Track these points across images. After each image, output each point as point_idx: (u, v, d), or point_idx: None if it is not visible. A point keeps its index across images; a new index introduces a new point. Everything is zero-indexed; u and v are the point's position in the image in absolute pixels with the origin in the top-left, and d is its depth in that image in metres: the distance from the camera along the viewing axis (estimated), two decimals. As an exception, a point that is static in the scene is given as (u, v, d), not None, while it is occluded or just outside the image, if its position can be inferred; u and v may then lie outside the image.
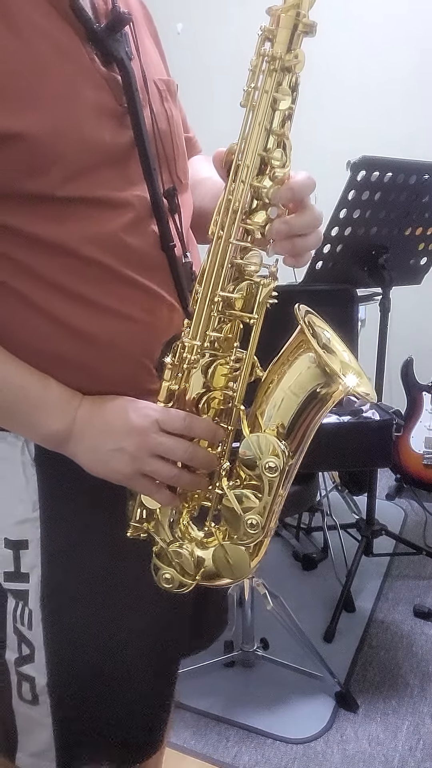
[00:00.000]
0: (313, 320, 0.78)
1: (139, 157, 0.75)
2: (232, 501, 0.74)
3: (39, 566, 0.82)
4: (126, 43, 0.75)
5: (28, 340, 0.75)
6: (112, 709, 0.88)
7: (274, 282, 0.73)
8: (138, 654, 0.87)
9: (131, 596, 0.84)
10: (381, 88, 2.88)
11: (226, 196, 0.73)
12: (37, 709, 0.85)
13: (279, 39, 0.68)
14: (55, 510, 0.81)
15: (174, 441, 0.74)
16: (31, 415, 0.75)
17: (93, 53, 0.72)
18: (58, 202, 0.70)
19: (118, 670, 0.86)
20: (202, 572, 0.78)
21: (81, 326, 0.74)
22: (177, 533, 0.79)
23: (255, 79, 0.70)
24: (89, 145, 0.70)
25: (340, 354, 0.79)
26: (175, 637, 0.94)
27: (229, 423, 0.77)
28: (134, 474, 0.75)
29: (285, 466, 0.74)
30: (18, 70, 0.66)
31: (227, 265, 0.73)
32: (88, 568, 0.83)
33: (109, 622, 0.84)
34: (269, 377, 0.77)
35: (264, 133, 0.70)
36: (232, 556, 0.76)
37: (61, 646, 0.84)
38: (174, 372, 0.76)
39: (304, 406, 0.74)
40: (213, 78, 2.81)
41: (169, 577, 0.78)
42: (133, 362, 0.78)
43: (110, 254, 0.74)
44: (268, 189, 0.71)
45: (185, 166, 0.88)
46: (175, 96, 0.87)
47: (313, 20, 0.68)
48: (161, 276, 0.79)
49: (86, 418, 0.75)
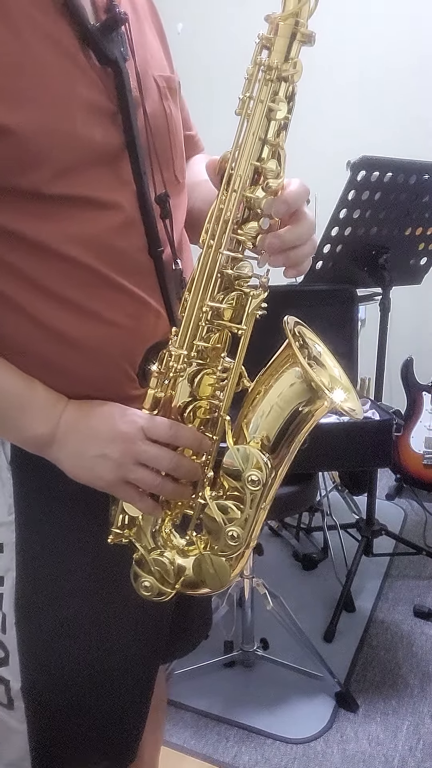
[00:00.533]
0: (304, 332, 0.78)
1: (130, 159, 0.74)
2: (214, 512, 0.74)
3: (14, 570, 0.81)
4: (122, 42, 0.74)
5: (10, 341, 0.74)
6: (88, 717, 0.87)
7: (264, 293, 0.73)
8: (116, 660, 0.86)
9: (109, 602, 0.83)
10: (381, 88, 2.88)
11: (217, 205, 0.72)
12: (13, 714, 0.84)
13: (276, 48, 0.67)
14: (31, 513, 0.81)
15: (159, 450, 0.73)
16: (15, 418, 0.74)
17: (88, 50, 0.71)
18: (45, 201, 0.69)
19: (95, 677, 0.85)
20: (181, 581, 0.77)
21: (64, 329, 0.74)
22: (159, 541, 0.78)
23: (251, 87, 0.69)
24: (80, 142, 0.69)
25: (330, 369, 0.79)
26: (154, 645, 0.92)
27: (215, 433, 0.76)
28: (117, 481, 0.74)
29: (268, 479, 0.73)
30: (9, 63, 0.65)
31: (217, 275, 0.72)
32: (64, 573, 0.82)
33: (85, 627, 0.83)
34: (256, 388, 0.76)
35: (258, 143, 0.69)
36: (213, 566, 0.75)
37: (35, 650, 0.83)
38: (160, 380, 0.75)
39: (290, 420, 0.74)
40: (213, 77, 2.81)
41: (149, 584, 0.78)
42: (115, 367, 0.77)
43: (97, 257, 0.73)
44: (260, 199, 0.70)
45: (183, 166, 0.87)
46: (177, 93, 0.85)
47: (312, 30, 0.67)
48: (148, 281, 0.78)
49: (71, 422, 0.75)
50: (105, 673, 0.86)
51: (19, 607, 0.82)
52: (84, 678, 0.84)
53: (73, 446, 0.74)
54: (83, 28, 0.70)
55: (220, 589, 0.78)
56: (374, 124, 2.83)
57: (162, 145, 0.80)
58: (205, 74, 2.82)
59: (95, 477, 0.74)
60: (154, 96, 0.79)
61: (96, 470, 0.74)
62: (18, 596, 0.81)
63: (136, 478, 0.74)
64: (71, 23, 0.70)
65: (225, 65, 2.84)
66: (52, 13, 0.69)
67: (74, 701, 0.85)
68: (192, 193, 0.91)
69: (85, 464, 0.74)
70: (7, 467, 0.79)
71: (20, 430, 0.75)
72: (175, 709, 1.77)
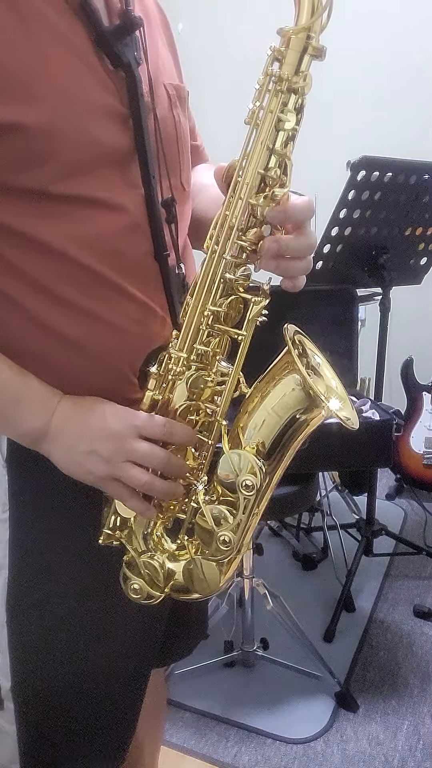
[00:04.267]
0: (303, 341, 0.78)
1: (139, 163, 0.74)
2: (206, 516, 0.74)
3: (6, 568, 0.81)
4: (135, 47, 0.74)
5: (12, 339, 0.74)
6: (78, 718, 0.86)
7: (265, 300, 0.73)
8: (106, 662, 0.86)
9: (101, 603, 0.83)
10: (381, 88, 2.88)
11: (223, 211, 0.73)
12: (2, 714, 0.84)
13: (287, 60, 0.68)
14: (25, 512, 0.81)
15: (150, 448, 0.73)
16: (9, 411, 0.75)
17: (101, 52, 0.71)
18: (51, 200, 0.69)
19: (86, 679, 0.85)
20: (171, 585, 0.77)
21: (66, 331, 0.74)
22: (150, 544, 0.78)
23: (261, 97, 0.70)
24: (90, 143, 0.70)
25: (328, 380, 0.79)
26: (147, 647, 0.92)
27: (210, 437, 0.77)
28: (107, 477, 0.74)
29: (262, 484, 0.73)
30: (22, 60, 0.65)
31: (219, 280, 0.73)
32: (56, 573, 0.82)
33: (75, 628, 0.83)
34: (254, 394, 0.76)
35: (266, 152, 0.70)
36: (203, 570, 0.75)
37: (25, 650, 0.83)
38: (159, 382, 0.75)
39: (287, 427, 0.74)
40: (213, 77, 2.82)
41: (138, 587, 0.78)
42: (116, 371, 0.77)
43: (101, 259, 0.73)
44: (263, 207, 0.71)
45: (189, 174, 0.87)
46: (185, 103, 0.86)
47: (323, 45, 0.68)
48: (153, 286, 0.78)
49: (64, 417, 0.75)
50: (95, 675, 0.85)
51: (10, 606, 0.82)
52: (74, 679, 0.84)
53: (64, 441, 0.75)
54: (97, 31, 0.70)
55: (210, 594, 0.77)
56: (374, 124, 2.83)
57: (170, 152, 0.80)
58: (205, 73, 2.82)
59: (85, 472, 0.74)
60: (164, 103, 0.80)
61: (85, 465, 0.74)
62: (9, 595, 0.81)
63: (124, 476, 0.74)
64: (85, 25, 0.70)
65: (225, 65, 2.85)
66: (67, 15, 0.69)
67: (63, 702, 0.85)
68: (193, 198, 0.91)
69: (76, 459, 0.75)
70: (2, 465, 0.80)
71: (14, 424, 0.75)
72: (175, 709, 1.77)
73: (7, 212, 0.69)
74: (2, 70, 0.65)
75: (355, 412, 0.79)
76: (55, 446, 0.75)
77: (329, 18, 0.68)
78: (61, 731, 0.87)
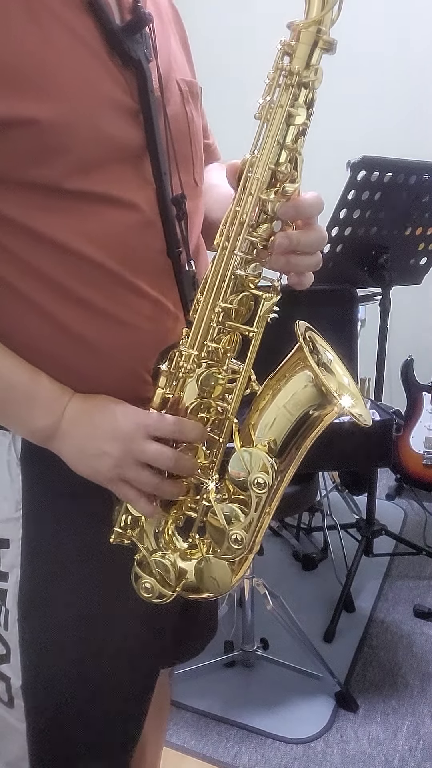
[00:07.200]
0: (315, 338, 0.78)
1: (150, 159, 0.74)
2: (218, 514, 0.73)
3: (18, 566, 0.81)
4: (145, 43, 0.74)
5: (24, 337, 0.74)
6: (88, 717, 0.86)
7: (276, 296, 0.73)
8: (118, 662, 0.85)
9: (112, 602, 0.83)
10: (382, 87, 2.88)
11: (234, 207, 0.72)
12: (12, 712, 0.84)
13: (298, 54, 0.68)
14: (39, 510, 0.81)
15: (159, 449, 0.73)
16: (20, 409, 0.75)
17: (112, 49, 0.71)
18: (64, 196, 0.69)
19: (96, 677, 0.85)
20: (182, 584, 0.77)
21: (78, 328, 0.74)
22: (161, 542, 0.78)
23: (271, 92, 0.70)
24: (102, 138, 0.70)
25: (339, 377, 0.78)
26: (156, 647, 0.92)
27: (221, 435, 0.76)
28: (115, 478, 0.74)
29: (274, 482, 0.73)
30: (34, 55, 0.66)
31: (230, 277, 0.73)
32: (68, 571, 0.82)
33: (87, 627, 0.83)
34: (265, 391, 0.76)
35: (277, 147, 0.70)
36: (215, 570, 0.75)
37: (36, 648, 0.82)
38: (169, 379, 0.75)
39: (299, 424, 0.74)
40: (213, 77, 2.81)
41: (149, 586, 0.77)
42: (129, 370, 0.77)
43: (113, 255, 0.73)
44: (274, 203, 0.70)
45: (202, 171, 0.87)
46: (198, 99, 0.86)
47: (334, 38, 0.68)
48: (166, 283, 0.78)
49: (74, 417, 0.75)
50: (105, 673, 0.85)
51: (22, 603, 0.81)
52: (84, 678, 0.84)
53: (75, 441, 0.75)
54: (108, 27, 0.71)
55: (222, 593, 0.77)
56: (374, 124, 2.83)
57: (182, 148, 0.80)
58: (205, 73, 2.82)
59: (94, 472, 0.75)
60: (176, 99, 0.80)
61: (95, 466, 0.74)
62: (21, 593, 0.81)
63: (133, 478, 0.74)
64: (96, 21, 0.70)
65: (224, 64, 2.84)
66: (78, 10, 0.69)
67: (72, 701, 0.85)
68: (203, 197, 0.91)
69: (85, 459, 0.75)
70: (17, 463, 0.79)
71: (26, 423, 0.76)
72: (175, 709, 1.77)
73: (19, 208, 0.69)
74: (14, 66, 0.65)
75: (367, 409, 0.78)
76: (65, 445, 0.75)
77: (340, 11, 0.67)
78: (71, 729, 0.86)
